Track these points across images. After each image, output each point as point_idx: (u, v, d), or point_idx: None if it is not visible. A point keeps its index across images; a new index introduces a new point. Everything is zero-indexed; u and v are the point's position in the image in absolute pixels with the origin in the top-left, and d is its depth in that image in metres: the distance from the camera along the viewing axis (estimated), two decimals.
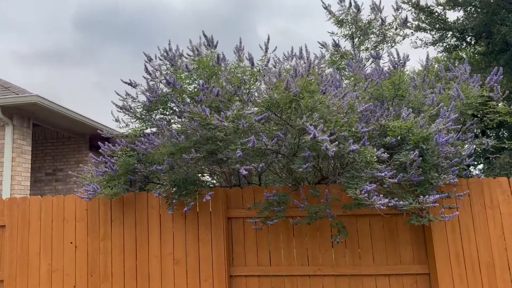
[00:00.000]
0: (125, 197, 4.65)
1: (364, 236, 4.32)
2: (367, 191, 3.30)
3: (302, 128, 3.45)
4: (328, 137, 3.26)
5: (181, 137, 3.67)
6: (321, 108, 3.58)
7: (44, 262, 4.68)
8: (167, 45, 4.65)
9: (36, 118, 8.13)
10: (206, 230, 4.47)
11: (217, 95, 3.89)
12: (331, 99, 3.57)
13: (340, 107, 3.52)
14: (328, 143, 3.18)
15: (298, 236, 4.42)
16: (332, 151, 3.16)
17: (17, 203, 4.85)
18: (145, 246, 4.54)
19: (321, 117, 3.52)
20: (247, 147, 3.46)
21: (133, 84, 4.55)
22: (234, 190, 4.61)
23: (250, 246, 4.47)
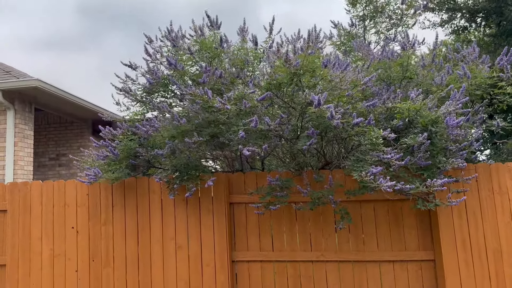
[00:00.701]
0: (127, 181, 4.59)
1: (368, 222, 4.25)
2: (373, 174, 3.21)
3: (306, 104, 3.35)
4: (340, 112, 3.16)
5: (183, 120, 3.58)
6: (323, 83, 3.47)
7: (46, 247, 4.65)
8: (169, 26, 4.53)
9: (38, 103, 8.06)
10: (208, 215, 4.41)
11: (220, 77, 3.78)
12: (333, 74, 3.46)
13: (343, 79, 3.40)
14: (333, 110, 3.09)
15: (301, 221, 4.36)
16: (337, 120, 3.06)
17: (18, 188, 4.81)
18: (147, 231, 4.49)
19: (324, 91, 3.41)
20: (249, 128, 3.37)
21: (133, 66, 4.45)
22: (236, 175, 4.53)
23: (253, 231, 4.41)
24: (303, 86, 3.57)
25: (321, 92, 3.45)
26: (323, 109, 3.22)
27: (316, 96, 3.14)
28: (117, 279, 4.48)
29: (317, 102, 3.15)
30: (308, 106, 3.43)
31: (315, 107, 3.17)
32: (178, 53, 4.20)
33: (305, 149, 3.37)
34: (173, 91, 4.41)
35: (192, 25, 4.27)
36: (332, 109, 3.14)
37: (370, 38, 5.76)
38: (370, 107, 3.68)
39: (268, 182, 3.95)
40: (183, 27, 4.46)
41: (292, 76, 3.48)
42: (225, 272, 4.31)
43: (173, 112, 3.66)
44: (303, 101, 3.39)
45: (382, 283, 4.18)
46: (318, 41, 3.75)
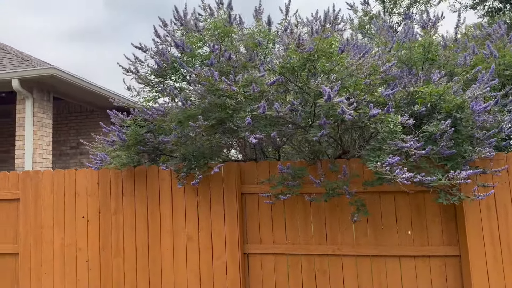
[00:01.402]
0: (136, 170, 4.48)
1: (388, 215, 3.98)
2: (389, 164, 2.95)
3: (318, 92, 3.10)
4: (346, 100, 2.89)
5: (188, 103, 3.40)
6: (339, 70, 3.20)
7: (57, 236, 4.61)
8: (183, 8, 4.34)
9: (57, 92, 8.08)
10: (219, 206, 4.25)
11: (229, 58, 3.57)
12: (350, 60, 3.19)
13: (360, 67, 3.13)
14: (345, 105, 2.83)
15: (316, 213, 4.14)
16: (349, 115, 2.81)
17: (30, 177, 4.78)
18: (157, 221, 4.38)
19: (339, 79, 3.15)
20: (257, 114, 3.16)
21: (144, 48, 4.29)
22: (248, 164, 4.34)
23: (265, 223, 4.23)
24: (317, 72, 3.32)
25: (334, 81, 3.20)
26: (334, 103, 2.97)
27: (327, 88, 2.88)
28: (128, 269, 4.40)
29: (327, 96, 2.91)
30: (320, 96, 3.18)
31: (325, 100, 2.93)
32: (188, 34, 4.00)
33: (316, 139, 3.13)
34: (183, 75, 4.23)
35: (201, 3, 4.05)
36: (344, 105, 2.89)
37: (392, 19, 5.37)
38: (390, 96, 3.40)
39: (279, 171, 3.74)
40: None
41: (305, 61, 3.23)
42: (237, 265, 4.15)
43: (178, 94, 3.48)
44: (315, 89, 3.14)
45: (403, 279, 3.92)
46: (336, 22, 3.47)
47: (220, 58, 3.75)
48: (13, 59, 7.95)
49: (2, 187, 4.90)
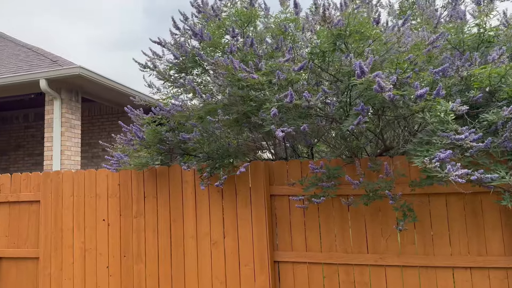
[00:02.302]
0: (158, 170, 4.18)
1: (438, 220, 3.47)
2: (440, 160, 2.47)
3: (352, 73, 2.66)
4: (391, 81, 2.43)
5: (207, 95, 3.04)
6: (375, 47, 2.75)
7: (77, 240, 4.38)
8: None
9: (85, 92, 7.99)
10: (246, 209, 3.87)
11: (251, 45, 3.19)
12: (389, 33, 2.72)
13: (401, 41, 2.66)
14: (383, 79, 2.37)
15: (355, 217, 3.67)
16: (389, 91, 2.35)
17: (50, 178, 4.58)
18: (180, 225, 4.05)
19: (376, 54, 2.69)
20: (284, 105, 2.75)
21: (163, 43, 3.98)
22: (277, 163, 3.93)
23: (297, 228, 3.81)
24: (350, 52, 2.87)
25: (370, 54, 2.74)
26: (369, 78, 2.51)
27: (358, 62, 2.43)
28: (149, 275, 4.10)
29: (359, 71, 2.45)
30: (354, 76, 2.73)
31: (358, 77, 2.47)
32: (208, 23, 3.65)
33: (352, 129, 2.68)
34: (205, 69, 3.88)
35: None
36: (380, 78, 2.42)
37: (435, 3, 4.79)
38: (439, 76, 2.90)
39: (310, 170, 3.31)
40: None
41: (335, 39, 2.80)
42: (266, 273, 3.76)
43: (195, 87, 3.13)
44: (348, 69, 2.70)
45: None
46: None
47: (243, 47, 3.37)
48: (43, 61, 7.94)
49: (24, 188, 4.74)
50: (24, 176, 4.75)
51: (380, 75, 2.38)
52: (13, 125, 11.00)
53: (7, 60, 8.80)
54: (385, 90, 2.40)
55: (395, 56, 2.69)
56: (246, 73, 2.81)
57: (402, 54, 2.68)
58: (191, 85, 3.17)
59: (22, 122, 10.88)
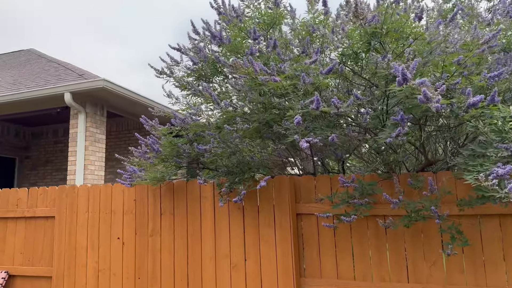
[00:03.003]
0: (176, 185, 3.89)
1: (491, 245, 2.98)
2: (498, 176, 2.03)
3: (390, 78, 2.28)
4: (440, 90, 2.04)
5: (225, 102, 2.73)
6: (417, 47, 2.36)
7: (91, 260, 4.12)
8: None
9: (110, 106, 7.89)
10: (269, 229, 3.50)
11: (273, 47, 2.87)
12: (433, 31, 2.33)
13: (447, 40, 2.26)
14: (428, 88, 1.98)
15: (393, 240, 3.23)
16: (436, 103, 1.96)
17: (66, 193, 4.37)
18: (198, 245, 3.72)
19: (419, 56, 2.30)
20: (310, 112, 2.40)
21: (182, 50, 3.72)
22: (304, 178, 3.56)
23: (327, 251, 3.39)
24: (387, 52, 2.50)
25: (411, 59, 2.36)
26: (413, 86, 2.12)
27: (400, 66, 2.05)
28: None
29: (401, 77, 2.07)
30: (393, 81, 2.36)
31: (399, 84, 2.09)
32: (229, 26, 3.37)
33: (390, 142, 2.29)
34: (225, 76, 3.59)
35: None
36: (426, 87, 2.02)
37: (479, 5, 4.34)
38: (494, 81, 2.47)
39: (340, 184, 2.92)
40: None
41: (369, 38, 2.43)
42: None
43: (211, 92, 2.82)
44: (385, 72, 2.33)
45: None
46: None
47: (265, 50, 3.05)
48: (70, 75, 7.93)
49: (41, 203, 4.56)
50: (41, 190, 4.57)
51: (426, 83, 1.99)
52: (43, 140, 11.11)
53: (37, 75, 8.88)
54: (432, 101, 2.00)
55: (441, 58, 2.29)
56: (267, 76, 2.48)
57: (450, 55, 2.28)
58: (207, 91, 2.87)
59: (52, 137, 10.97)
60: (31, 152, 11.25)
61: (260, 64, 2.61)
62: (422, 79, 1.98)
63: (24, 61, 11.08)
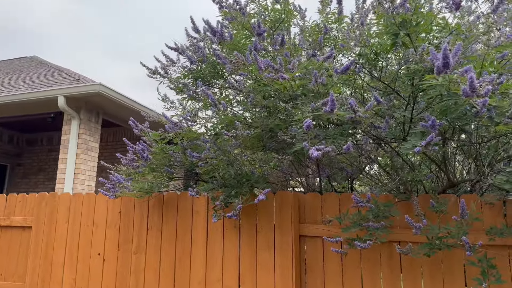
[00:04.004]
0: (166, 198, 3.50)
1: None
2: None
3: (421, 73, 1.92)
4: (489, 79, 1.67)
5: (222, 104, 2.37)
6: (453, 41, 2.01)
7: (68, 276, 3.69)
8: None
9: (106, 113, 7.54)
10: (267, 252, 3.09)
11: (281, 43, 2.52)
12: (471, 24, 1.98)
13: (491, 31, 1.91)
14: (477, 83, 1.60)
15: (409, 271, 2.82)
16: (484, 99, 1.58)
17: (45, 201, 3.98)
18: (186, 266, 3.30)
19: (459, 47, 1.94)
20: (321, 114, 2.03)
21: (180, 50, 3.39)
22: (309, 196, 3.17)
23: (333, 280, 2.98)
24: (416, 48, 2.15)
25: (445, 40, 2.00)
26: (453, 76, 1.75)
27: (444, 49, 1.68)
28: None
29: (441, 62, 1.70)
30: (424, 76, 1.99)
31: (438, 70, 1.72)
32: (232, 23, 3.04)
33: (419, 151, 1.90)
34: (226, 78, 3.24)
35: None
36: (473, 74, 1.65)
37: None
38: None
39: (354, 203, 2.53)
40: None
41: (397, 28, 2.08)
42: None
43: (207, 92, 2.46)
44: (416, 68, 1.97)
45: None
46: None
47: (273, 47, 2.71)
48: (66, 79, 7.61)
49: (19, 211, 4.16)
50: (20, 197, 4.18)
51: (472, 69, 1.62)
52: (37, 148, 10.74)
53: (34, 80, 8.58)
54: (479, 94, 1.63)
55: (483, 52, 1.93)
56: (274, 72, 2.12)
57: (493, 50, 1.92)
58: (204, 92, 2.52)
59: (46, 144, 10.60)
60: (24, 159, 10.87)
61: (266, 60, 2.26)
62: (467, 66, 1.61)
63: (24, 67, 10.82)
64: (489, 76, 1.68)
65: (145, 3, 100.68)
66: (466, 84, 1.60)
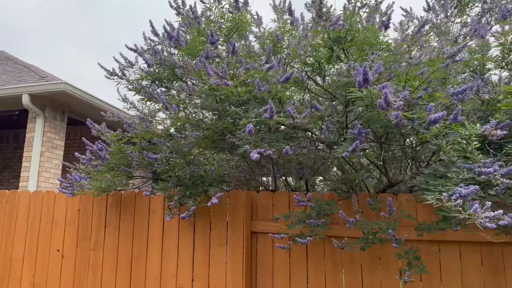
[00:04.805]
0: (124, 196, 3.61)
1: (451, 274, 2.82)
2: (462, 196, 1.88)
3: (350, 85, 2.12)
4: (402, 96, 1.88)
5: (174, 107, 2.52)
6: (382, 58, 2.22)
7: (27, 273, 3.76)
8: None
9: (73, 112, 7.53)
10: (220, 248, 3.25)
11: (233, 52, 2.69)
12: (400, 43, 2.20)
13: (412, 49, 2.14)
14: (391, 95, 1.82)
15: (350, 265, 3.04)
16: (397, 112, 1.79)
17: (6, 199, 4.03)
18: (143, 263, 3.43)
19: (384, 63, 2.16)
20: (263, 121, 2.21)
21: (139, 51, 3.51)
22: (262, 194, 3.35)
23: (281, 274, 3.17)
24: (350, 61, 2.35)
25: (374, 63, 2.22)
26: (373, 91, 1.96)
27: (362, 67, 1.89)
28: None
29: (362, 78, 1.91)
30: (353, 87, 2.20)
31: (359, 85, 1.93)
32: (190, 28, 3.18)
33: (346, 156, 2.11)
34: (184, 80, 3.38)
35: None
36: (388, 90, 1.86)
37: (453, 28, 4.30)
38: (458, 98, 2.34)
39: (296, 203, 2.73)
40: None
41: (332, 43, 2.28)
42: None
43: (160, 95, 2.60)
44: (345, 80, 2.18)
45: None
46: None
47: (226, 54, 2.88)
48: (32, 76, 7.57)
49: None
50: None
51: (388, 86, 1.83)
52: (2, 145, 10.57)
53: (0, 76, 8.46)
54: (392, 107, 1.84)
55: (404, 70, 2.16)
56: (219, 79, 2.29)
57: (413, 67, 2.14)
58: (157, 94, 2.66)
59: (12, 142, 10.45)
60: None
61: (213, 67, 2.42)
62: (385, 83, 1.82)
63: None
64: (403, 92, 1.89)
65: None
66: (382, 98, 1.81)
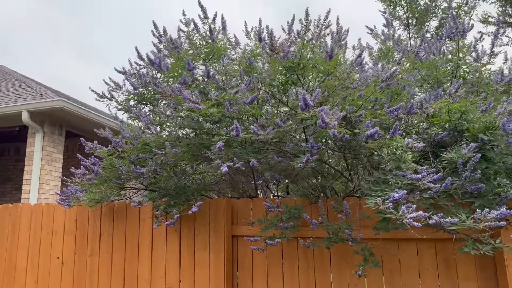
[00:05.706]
0: (116, 207, 3.97)
1: (409, 269, 3.17)
2: (394, 201, 2.23)
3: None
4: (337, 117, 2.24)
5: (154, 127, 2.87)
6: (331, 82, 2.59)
7: (30, 279, 4.11)
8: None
9: (71, 126, 7.90)
10: (204, 252, 3.60)
11: (208, 76, 3.05)
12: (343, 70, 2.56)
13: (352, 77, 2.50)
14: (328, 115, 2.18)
15: (320, 264, 3.38)
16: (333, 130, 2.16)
17: (9, 212, 4.38)
18: (135, 267, 3.78)
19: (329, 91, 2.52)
20: (230, 138, 2.57)
21: (127, 74, 3.87)
22: (241, 201, 3.70)
23: (259, 274, 3.51)
24: (303, 85, 2.72)
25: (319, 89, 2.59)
26: (315, 113, 2.33)
27: (302, 94, 2.27)
28: None
29: (303, 103, 2.28)
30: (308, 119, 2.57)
31: (301, 109, 2.31)
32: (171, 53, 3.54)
33: (301, 166, 2.47)
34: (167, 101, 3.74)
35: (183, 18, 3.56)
36: (324, 113, 2.23)
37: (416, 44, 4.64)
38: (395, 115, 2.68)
39: (266, 209, 3.08)
40: None
41: (286, 71, 2.65)
42: None
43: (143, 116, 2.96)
44: (297, 102, 2.54)
45: None
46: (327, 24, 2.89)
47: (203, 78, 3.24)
48: (30, 93, 7.94)
49: None
50: None
51: (326, 110, 2.20)
52: (4, 158, 10.94)
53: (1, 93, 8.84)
54: (329, 127, 2.21)
55: (348, 92, 2.52)
56: (192, 104, 2.65)
57: (354, 91, 2.51)
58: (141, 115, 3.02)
59: (13, 155, 10.82)
60: None
61: (187, 94, 2.78)
62: (322, 107, 2.18)
63: None
64: (340, 113, 2.25)
65: (115, 4, 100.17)
66: (319, 120, 2.17)
